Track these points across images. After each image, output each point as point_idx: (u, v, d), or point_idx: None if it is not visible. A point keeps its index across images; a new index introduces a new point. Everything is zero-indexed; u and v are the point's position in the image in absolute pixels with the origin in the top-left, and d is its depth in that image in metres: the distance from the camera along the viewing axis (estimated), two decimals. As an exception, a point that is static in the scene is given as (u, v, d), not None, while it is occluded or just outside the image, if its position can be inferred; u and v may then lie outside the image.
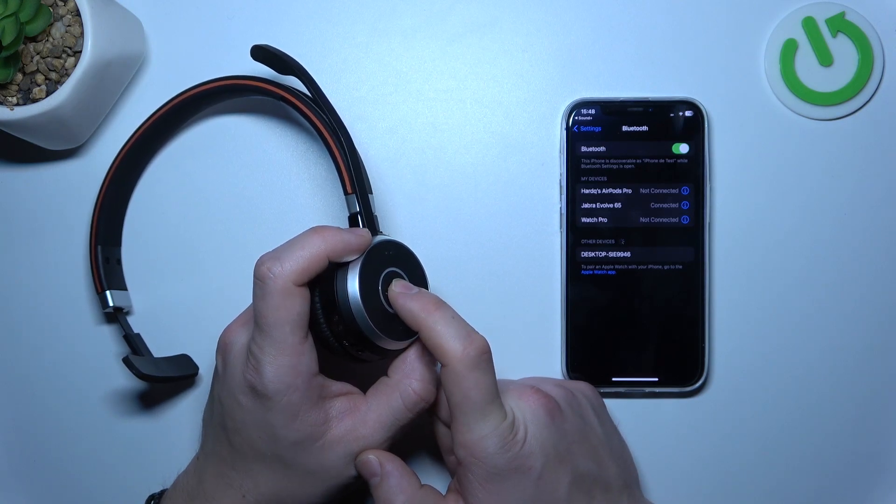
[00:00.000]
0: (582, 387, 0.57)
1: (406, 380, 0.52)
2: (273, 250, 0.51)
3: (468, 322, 0.50)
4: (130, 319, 0.62)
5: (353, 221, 0.54)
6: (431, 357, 0.52)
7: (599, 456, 0.53)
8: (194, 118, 0.62)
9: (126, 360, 0.56)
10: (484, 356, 0.49)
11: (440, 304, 0.51)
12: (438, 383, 0.53)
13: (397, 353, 0.53)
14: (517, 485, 0.49)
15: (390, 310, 0.52)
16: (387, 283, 0.52)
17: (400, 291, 0.51)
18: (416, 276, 0.54)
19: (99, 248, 0.60)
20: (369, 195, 0.55)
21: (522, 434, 0.50)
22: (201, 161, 0.62)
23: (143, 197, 0.62)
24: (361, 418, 0.52)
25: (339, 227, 0.51)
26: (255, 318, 0.50)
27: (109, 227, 0.61)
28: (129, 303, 0.62)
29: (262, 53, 0.57)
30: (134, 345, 0.60)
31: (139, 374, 0.56)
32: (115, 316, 0.61)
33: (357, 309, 0.50)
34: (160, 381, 0.59)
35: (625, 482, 0.54)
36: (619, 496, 0.53)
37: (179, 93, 0.60)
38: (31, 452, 0.63)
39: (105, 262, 0.60)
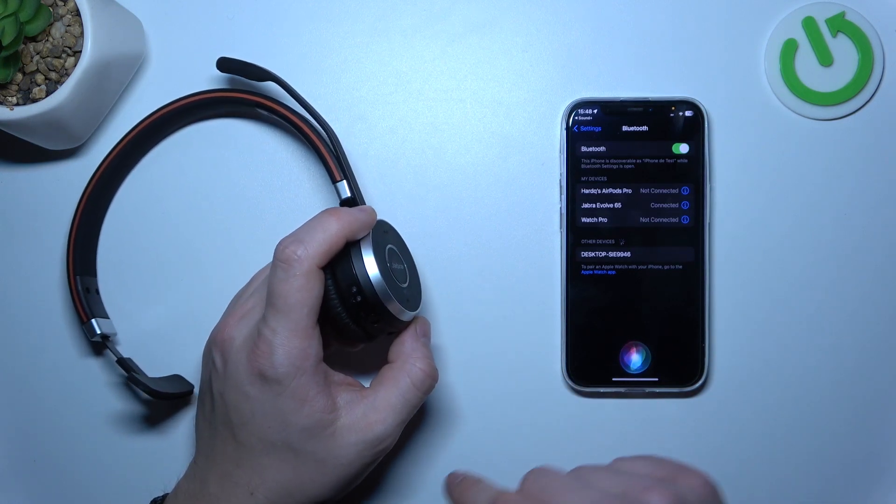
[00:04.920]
0: (693, 483, 0.46)
1: (410, 360, 0.54)
2: (292, 234, 0.52)
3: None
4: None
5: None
6: (426, 339, 0.55)
7: None
8: (167, 133, 0.62)
9: (132, 379, 0.56)
10: None
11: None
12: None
13: (396, 334, 0.55)
14: None
15: (399, 284, 0.54)
16: (390, 256, 0.54)
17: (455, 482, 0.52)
18: (404, 250, 0.57)
19: (78, 278, 0.60)
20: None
21: None
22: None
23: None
24: (371, 405, 0.53)
25: (346, 208, 0.53)
26: (270, 300, 0.51)
27: (84, 256, 0.61)
28: (114, 330, 0.61)
29: (227, 65, 0.59)
30: (128, 367, 0.59)
31: (148, 391, 0.56)
32: (104, 343, 0.60)
33: (377, 281, 0.52)
34: (168, 398, 0.58)
35: None
36: None
37: (142, 119, 0.60)
38: (33, 455, 0.63)
39: (86, 293, 0.60)
